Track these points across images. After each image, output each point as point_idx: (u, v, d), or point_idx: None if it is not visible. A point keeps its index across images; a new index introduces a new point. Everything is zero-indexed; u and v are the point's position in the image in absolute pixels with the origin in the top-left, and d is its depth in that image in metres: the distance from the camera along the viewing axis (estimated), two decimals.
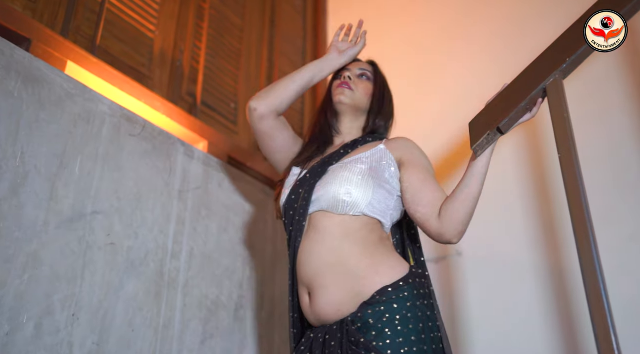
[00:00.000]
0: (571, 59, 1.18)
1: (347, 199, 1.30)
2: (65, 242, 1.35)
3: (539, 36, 2.19)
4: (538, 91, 1.21)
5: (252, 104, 1.53)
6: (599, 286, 1.08)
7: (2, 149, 1.27)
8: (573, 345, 1.86)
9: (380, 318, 1.18)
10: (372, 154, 1.42)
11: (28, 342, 1.22)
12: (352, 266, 1.26)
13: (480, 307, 2.08)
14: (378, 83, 1.64)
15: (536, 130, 2.13)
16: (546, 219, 2.06)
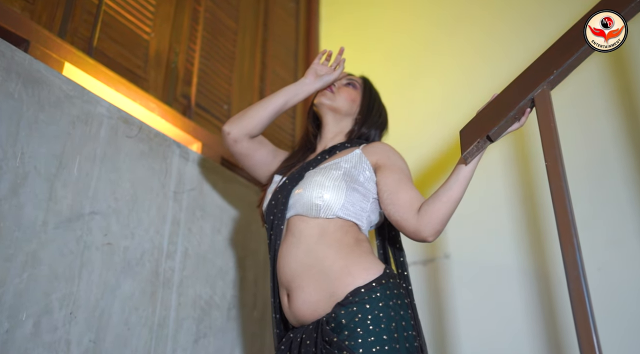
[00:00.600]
0: (558, 71, 1.22)
1: (319, 202, 1.34)
2: (64, 242, 1.37)
3: (522, 48, 2.25)
4: (526, 101, 1.26)
5: (226, 128, 1.58)
6: (581, 287, 1.13)
7: (3, 149, 1.30)
8: (555, 344, 1.91)
9: (353, 318, 1.21)
10: (348, 159, 1.45)
11: (27, 339, 1.24)
12: (326, 268, 1.29)
13: (467, 308, 2.13)
14: (366, 94, 1.66)
15: (523, 138, 2.19)
16: (531, 224, 2.12)
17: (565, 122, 2.02)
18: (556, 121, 1.23)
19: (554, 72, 1.23)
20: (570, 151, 2.01)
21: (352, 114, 1.62)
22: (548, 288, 2.01)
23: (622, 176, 1.99)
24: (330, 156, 1.51)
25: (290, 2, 3.04)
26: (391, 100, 2.67)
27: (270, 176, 1.57)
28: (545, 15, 2.32)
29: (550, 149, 1.19)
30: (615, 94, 2.06)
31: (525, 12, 2.43)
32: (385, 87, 2.73)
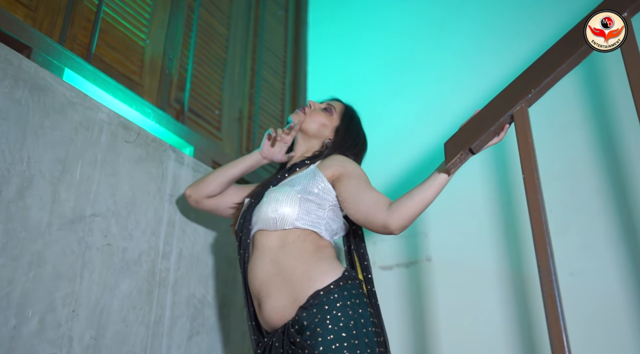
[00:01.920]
0: (536, 90, 1.32)
1: (274, 216, 1.44)
2: (67, 243, 1.44)
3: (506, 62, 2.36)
4: (506, 117, 1.35)
5: (187, 192, 1.71)
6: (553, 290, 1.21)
7: (11, 154, 1.36)
8: (529, 342, 2.02)
9: (314, 319, 1.29)
10: (304, 174, 1.55)
11: (33, 335, 1.31)
12: (288, 275, 1.39)
13: (447, 307, 2.23)
14: (344, 121, 1.72)
15: (502, 149, 2.29)
16: (509, 229, 2.22)
17: (541, 135, 2.13)
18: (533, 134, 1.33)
19: (531, 91, 1.33)
20: (545, 162, 2.11)
21: (322, 137, 1.69)
22: (523, 289, 2.12)
23: (594, 187, 2.10)
24: (289, 174, 1.60)
25: (279, 10, 3.12)
26: (376, 106, 2.78)
27: (243, 199, 1.69)
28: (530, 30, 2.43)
29: (527, 162, 1.28)
30: (588, 109, 2.18)
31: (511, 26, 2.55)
32: (371, 93, 2.84)
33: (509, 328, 2.08)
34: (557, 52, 1.32)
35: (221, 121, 2.45)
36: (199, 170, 1.94)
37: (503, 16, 2.60)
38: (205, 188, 1.69)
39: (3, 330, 1.25)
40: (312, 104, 1.73)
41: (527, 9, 2.53)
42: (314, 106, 1.73)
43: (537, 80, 1.32)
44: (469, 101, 2.31)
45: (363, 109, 2.79)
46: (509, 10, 2.59)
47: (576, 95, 2.21)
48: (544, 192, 1.29)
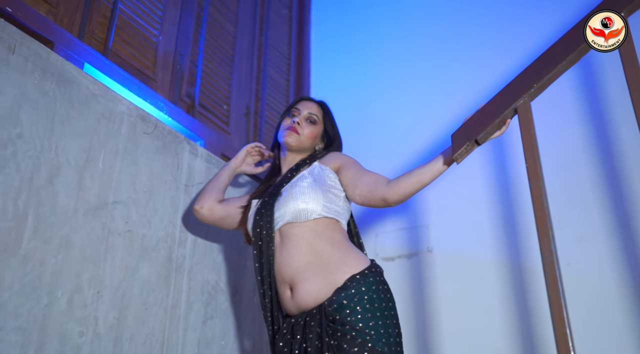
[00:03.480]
0: (538, 85, 1.41)
1: (305, 207, 1.56)
2: (91, 228, 1.51)
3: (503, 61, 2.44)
4: (510, 110, 1.44)
5: (196, 206, 1.76)
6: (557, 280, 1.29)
7: (40, 142, 1.43)
8: (528, 330, 2.10)
9: (352, 299, 1.42)
10: (310, 170, 1.70)
11: (62, 314, 1.38)
12: (325, 261, 1.51)
13: (448, 297, 2.31)
14: (326, 125, 1.86)
15: (502, 144, 2.38)
16: (508, 222, 2.30)
17: (539, 130, 2.22)
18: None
19: (534, 86, 1.41)
20: (543, 156, 2.21)
21: (313, 146, 1.83)
22: (522, 280, 2.20)
23: (590, 179, 2.19)
24: (296, 172, 1.72)
25: (283, 9, 3.19)
26: (377, 103, 2.86)
27: (248, 201, 1.76)
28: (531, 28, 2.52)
29: (530, 152, 1.37)
30: (585, 105, 2.27)
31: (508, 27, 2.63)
32: (372, 90, 2.92)
33: (508, 317, 2.16)
34: (557, 49, 1.40)
35: (229, 115, 2.52)
36: (212, 161, 2.01)
37: (505, 14, 2.68)
38: (211, 194, 1.78)
39: (36, 308, 1.32)
40: (300, 120, 1.80)
41: (529, 6, 2.61)
42: (301, 121, 1.81)
43: (539, 75, 1.40)
44: (470, 98, 2.39)
45: (363, 105, 2.89)
46: (511, 8, 2.67)
47: (574, 91, 2.30)
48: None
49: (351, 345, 1.36)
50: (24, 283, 1.31)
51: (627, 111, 1.23)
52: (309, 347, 1.40)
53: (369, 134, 2.79)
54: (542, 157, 2.15)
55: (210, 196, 1.77)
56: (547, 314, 1.31)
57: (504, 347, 2.12)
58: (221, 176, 1.86)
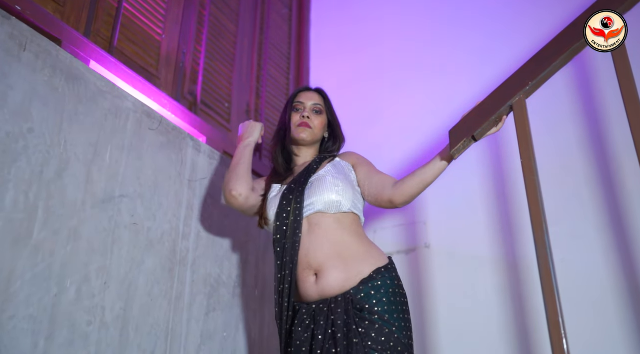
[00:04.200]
0: (533, 83, 1.45)
1: (338, 199, 1.63)
2: (99, 220, 1.55)
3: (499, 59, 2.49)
4: (506, 107, 1.49)
5: (234, 192, 1.71)
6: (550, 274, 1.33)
7: (50, 137, 1.47)
8: (522, 324, 2.15)
9: (379, 290, 1.51)
10: (335, 165, 1.78)
11: (71, 303, 1.42)
12: (352, 252, 1.58)
13: (445, 292, 2.36)
14: (329, 112, 1.94)
15: (498, 142, 2.43)
16: (504, 218, 2.35)
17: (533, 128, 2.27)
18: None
19: (529, 84, 1.46)
20: (538, 154, 2.26)
21: (324, 133, 1.93)
22: (517, 275, 2.25)
23: (585, 177, 2.24)
24: (318, 165, 1.79)
25: (284, 8, 3.24)
26: (375, 102, 2.90)
27: (268, 184, 1.80)
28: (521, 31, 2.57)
29: (525, 148, 1.41)
30: (579, 104, 2.32)
31: (503, 27, 2.68)
32: (370, 89, 2.97)
33: (504, 312, 2.21)
34: (552, 49, 1.45)
35: (230, 113, 2.57)
36: (214, 157, 2.05)
37: (501, 13, 2.73)
38: (247, 181, 1.74)
39: (46, 298, 1.36)
40: (308, 114, 1.87)
41: (526, 5, 2.66)
42: (310, 114, 1.87)
43: (534, 74, 1.45)
44: (466, 96, 2.44)
45: (362, 104, 2.94)
46: (507, 8, 2.72)
47: (568, 90, 2.35)
48: None
49: (379, 334, 1.44)
50: (34, 273, 1.35)
51: (621, 109, 1.27)
52: (338, 333, 1.45)
53: (368, 131, 2.84)
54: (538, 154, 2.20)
55: (247, 183, 1.73)
56: (542, 308, 1.36)
57: (499, 341, 2.17)
58: (248, 156, 1.81)
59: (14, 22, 1.46)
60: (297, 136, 1.85)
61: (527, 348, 2.11)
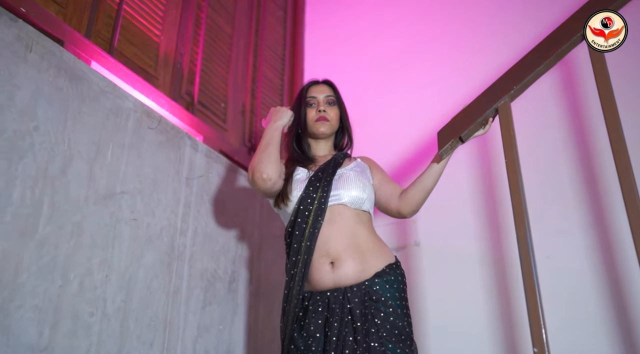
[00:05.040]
0: (517, 87, 1.53)
1: (364, 196, 1.72)
2: (101, 216, 1.61)
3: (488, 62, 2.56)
4: (492, 110, 1.56)
5: (264, 175, 1.67)
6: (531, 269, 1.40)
7: (55, 135, 1.53)
8: (507, 319, 2.22)
9: (392, 285, 1.61)
10: (358, 164, 1.86)
11: (74, 295, 1.48)
12: (369, 247, 1.67)
13: (434, 288, 2.43)
14: (339, 103, 1.98)
15: (486, 144, 2.50)
16: (491, 217, 2.43)
17: (522, 130, 2.35)
18: (515, 128, 1.54)
19: (514, 88, 1.53)
20: (525, 155, 2.33)
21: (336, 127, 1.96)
22: (503, 272, 2.33)
23: (569, 177, 2.32)
24: (343, 160, 1.85)
25: (279, 11, 3.30)
26: (368, 103, 2.97)
27: (293, 166, 1.81)
28: (512, 34, 2.65)
29: (509, 149, 1.49)
30: (564, 108, 2.40)
31: (494, 30, 2.76)
32: (363, 91, 3.04)
33: (491, 307, 2.29)
34: (535, 54, 1.53)
35: (226, 113, 2.63)
36: (211, 156, 2.11)
37: (497, 14, 2.80)
38: (277, 166, 1.71)
39: (51, 289, 1.42)
40: (324, 108, 1.90)
41: (516, 10, 2.74)
42: (325, 108, 1.91)
43: (519, 78, 1.53)
44: (457, 98, 2.51)
45: (355, 105, 3.00)
46: (505, 9, 2.79)
47: (553, 94, 2.43)
48: (525, 183, 1.49)
49: (392, 326, 1.53)
50: (40, 265, 1.41)
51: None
52: (357, 321, 1.52)
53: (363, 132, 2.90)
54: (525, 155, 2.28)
55: (278, 167, 1.71)
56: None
57: (486, 335, 2.25)
58: (277, 138, 1.78)
59: (20, 24, 1.52)
60: (317, 130, 1.87)
61: (512, 341, 2.19)
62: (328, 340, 1.52)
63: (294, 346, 1.58)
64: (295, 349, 1.58)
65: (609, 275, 2.10)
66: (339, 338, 1.52)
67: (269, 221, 2.39)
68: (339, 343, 1.51)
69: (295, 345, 1.58)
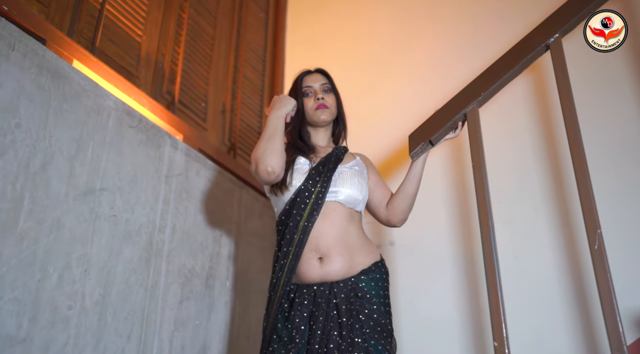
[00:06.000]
0: (485, 93, 1.60)
1: (360, 198, 1.76)
2: (80, 212, 1.65)
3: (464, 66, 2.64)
4: (460, 115, 1.63)
5: (269, 168, 1.67)
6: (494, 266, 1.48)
7: (36, 132, 1.56)
8: (477, 317, 2.30)
9: (377, 282, 1.67)
10: (358, 164, 1.89)
11: (53, 288, 1.52)
12: (358, 244, 1.72)
13: (408, 287, 2.50)
14: (336, 90, 1.99)
15: (460, 148, 2.58)
16: (463, 219, 2.51)
17: (494, 135, 2.43)
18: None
19: (481, 94, 1.61)
20: (497, 159, 2.42)
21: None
22: (473, 271, 2.40)
23: (538, 181, 2.40)
24: (343, 155, 1.86)
25: (260, 12, 3.35)
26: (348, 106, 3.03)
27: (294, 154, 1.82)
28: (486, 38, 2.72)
29: (475, 153, 1.56)
30: (535, 113, 2.48)
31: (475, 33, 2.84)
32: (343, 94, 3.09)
33: (461, 305, 2.36)
34: (502, 62, 1.60)
35: (207, 113, 2.67)
36: (191, 155, 2.16)
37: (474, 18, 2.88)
38: (283, 157, 1.71)
39: (30, 282, 1.46)
40: (321, 96, 1.90)
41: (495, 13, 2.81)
42: (322, 94, 1.91)
43: (486, 85, 1.60)
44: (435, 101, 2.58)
45: None
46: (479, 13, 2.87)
47: (525, 100, 2.51)
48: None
49: (376, 323, 1.58)
50: (20, 259, 1.44)
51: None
52: (342, 317, 1.57)
53: None
54: (497, 159, 2.35)
55: (282, 159, 1.70)
56: None
57: (456, 331, 2.32)
58: (281, 128, 1.76)
59: (3, 22, 1.55)
60: (318, 119, 1.87)
61: (480, 336, 2.26)
62: (312, 333, 1.56)
63: (277, 336, 1.61)
64: (278, 339, 1.60)
65: (573, 275, 2.18)
66: (323, 332, 1.56)
67: (247, 218, 2.44)
68: (323, 337, 1.55)
69: (278, 335, 1.61)
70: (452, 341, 2.33)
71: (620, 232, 2.07)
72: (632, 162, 2.21)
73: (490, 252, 1.49)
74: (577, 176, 1.36)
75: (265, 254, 2.52)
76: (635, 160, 2.20)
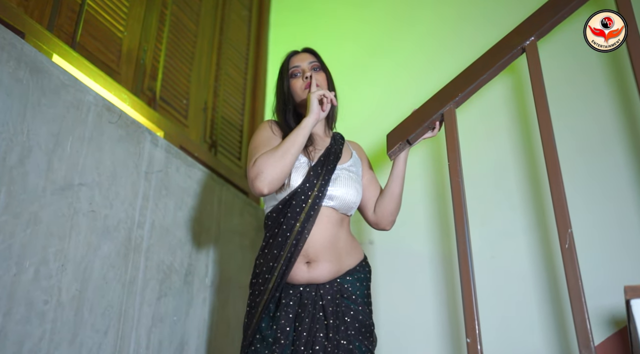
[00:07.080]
0: (462, 94, 1.63)
1: (353, 207, 1.76)
2: (58, 207, 1.64)
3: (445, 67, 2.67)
4: (437, 115, 1.65)
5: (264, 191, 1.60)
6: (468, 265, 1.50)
7: (14, 126, 1.55)
8: (454, 316, 2.33)
9: (362, 281, 1.69)
10: (354, 163, 1.84)
11: (29, 283, 1.51)
12: (346, 247, 1.72)
13: (387, 286, 2.53)
14: (325, 68, 1.92)
15: (439, 148, 2.61)
16: (442, 218, 2.54)
17: (473, 135, 2.46)
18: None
19: (458, 95, 1.63)
20: (476, 159, 2.45)
21: None
22: (451, 270, 2.44)
23: (515, 182, 2.44)
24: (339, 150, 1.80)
25: (244, 10, 3.35)
26: None
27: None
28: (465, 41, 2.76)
29: (452, 153, 1.58)
30: (514, 114, 2.52)
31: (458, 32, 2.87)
32: None
33: (439, 303, 2.39)
34: (479, 64, 1.63)
35: (188, 110, 2.67)
36: (171, 152, 2.16)
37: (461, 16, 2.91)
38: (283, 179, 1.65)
39: (5, 277, 1.45)
40: (310, 74, 1.81)
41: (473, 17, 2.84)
42: (311, 73, 1.82)
43: (463, 86, 1.63)
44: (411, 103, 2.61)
45: None
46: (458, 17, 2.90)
47: (504, 102, 2.55)
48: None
49: (361, 324, 1.61)
50: None
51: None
52: (329, 319, 1.57)
53: None
54: (475, 160, 2.38)
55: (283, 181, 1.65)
56: None
57: (433, 330, 2.35)
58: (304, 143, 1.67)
59: None
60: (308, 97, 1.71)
61: (457, 333, 2.29)
62: (298, 334, 1.55)
63: (260, 335, 1.60)
64: (262, 339, 1.59)
65: (547, 274, 2.22)
66: (309, 334, 1.55)
67: (227, 216, 2.45)
68: (309, 339, 1.55)
69: (262, 335, 1.60)
70: (428, 339, 2.36)
71: (593, 233, 2.12)
72: (607, 164, 2.25)
73: (464, 250, 1.52)
74: (550, 176, 1.39)
75: (244, 251, 2.53)
76: (611, 161, 2.24)
